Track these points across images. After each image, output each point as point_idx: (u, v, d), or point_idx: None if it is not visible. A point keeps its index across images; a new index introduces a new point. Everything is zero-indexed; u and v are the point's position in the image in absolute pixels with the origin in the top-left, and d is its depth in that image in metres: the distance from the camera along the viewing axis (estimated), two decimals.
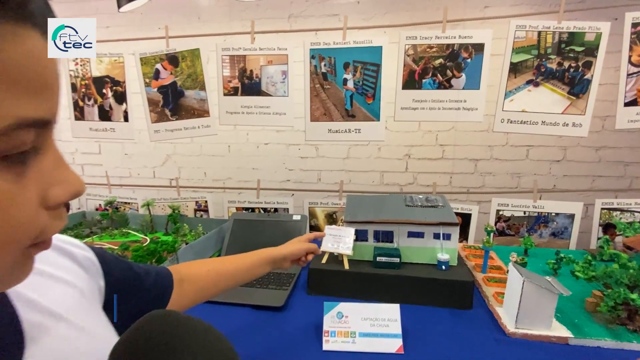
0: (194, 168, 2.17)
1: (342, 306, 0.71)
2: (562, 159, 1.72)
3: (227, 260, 0.65)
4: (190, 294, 0.55)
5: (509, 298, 0.76)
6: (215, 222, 1.43)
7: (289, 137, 1.96)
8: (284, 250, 0.71)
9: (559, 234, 1.55)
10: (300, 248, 0.73)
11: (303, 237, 0.78)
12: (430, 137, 1.79)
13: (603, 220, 1.53)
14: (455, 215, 0.95)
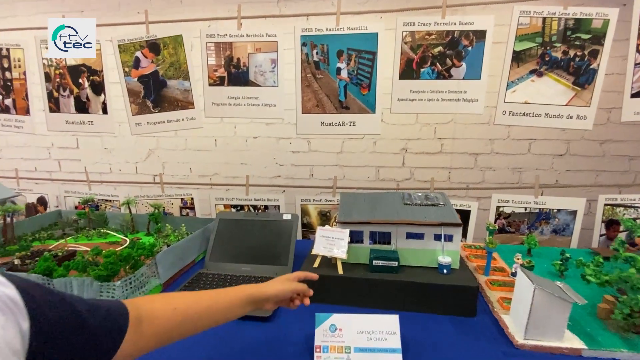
0: (178, 163, 2.08)
1: (336, 318, 0.66)
2: (565, 153, 1.68)
3: (200, 298, 0.56)
4: (150, 336, 0.47)
5: (516, 305, 0.71)
6: (201, 222, 1.36)
7: (279, 130, 1.89)
8: (269, 289, 0.62)
9: (560, 231, 1.52)
10: (287, 289, 0.63)
11: (292, 275, 0.69)
12: (429, 130, 1.74)
13: (606, 216, 1.50)
14: (457, 215, 0.90)
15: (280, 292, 0.63)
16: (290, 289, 0.64)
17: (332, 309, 0.83)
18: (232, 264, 1.09)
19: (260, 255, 1.09)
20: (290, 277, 0.68)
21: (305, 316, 0.73)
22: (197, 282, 0.99)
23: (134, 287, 0.83)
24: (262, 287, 0.63)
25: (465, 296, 0.79)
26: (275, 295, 0.62)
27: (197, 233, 1.19)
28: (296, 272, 0.70)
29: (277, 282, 0.65)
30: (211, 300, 0.56)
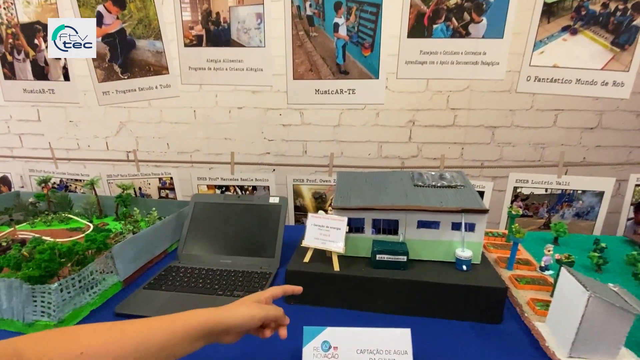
0: (154, 138, 1.91)
1: (330, 332, 0.53)
2: (596, 126, 1.53)
3: (123, 333, 0.42)
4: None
5: (557, 312, 0.59)
6: (177, 205, 1.23)
7: (268, 100, 1.71)
8: (230, 317, 0.48)
9: (584, 214, 1.42)
10: (255, 315, 0.49)
11: (266, 293, 0.54)
12: (440, 99, 1.57)
13: (636, 198, 1.39)
14: (480, 199, 0.76)
15: (245, 320, 0.49)
16: (260, 315, 0.50)
17: (325, 313, 0.72)
18: (210, 255, 0.96)
19: (243, 245, 0.97)
20: (262, 297, 0.54)
21: (290, 328, 0.61)
22: (165, 277, 0.86)
23: (80, 289, 0.70)
24: (221, 313, 0.48)
25: (490, 299, 0.67)
26: (239, 324, 0.48)
27: (170, 219, 1.05)
28: (271, 289, 0.56)
29: (243, 306, 0.51)
30: (140, 337, 0.42)
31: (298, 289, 0.58)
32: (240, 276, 0.86)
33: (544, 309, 0.68)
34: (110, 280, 0.80)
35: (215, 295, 0.79)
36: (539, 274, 0.83)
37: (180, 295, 0.79)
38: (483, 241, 0.76)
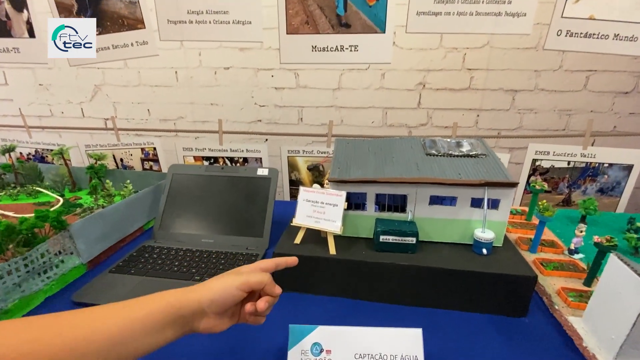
0: (133, 104, 1.78)
1: (321, 333, 0.44)
2: (632, 89, 1.39)
3: (55, 326, 0.34)
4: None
5: (601, 308, 0.50)
6: (157, 177, 1.13)
7: (258, 59, 1.55)
8: (201, 292, 0.41)
9: (608, 190, 1.33)
10: (229, 285, 0.41)
11: (251, 266, 0.46)
12: (456, 57, 1.41)
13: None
14: (506, 170, 0.65)
15: (219, 292, 0.40)
16: (237, 283, 0.41)
17: (319, 303, 0.63)
18: (189, 234, 0.87)
19: (227, 223, 0.88)
20: (246, 269, 0.45)
21: (274, 326, 0.52)
22: (136, 259, 0.77)
23: (28, 274, 0.61)
24: (191, 291, 0.41)
25: (516, 290, 0.58)
26: (214, 299, 0.40)
27: (143, 193, 0.95)
28: (259, 262, 0.47)
29: (217, 280, 0.43)
30: (81, 332, 0.33)
31: (292, 259, 0.49)
32: (222, 258, 0.78)
33: (578, 300, 0.60)
34: (70, 262, 0.71)
35: (192, 280, 0.70)
36: (567, 258, 0.75)
37: (151, 280, 0.71)
38: (507, 221, 0.66)
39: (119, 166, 1.53)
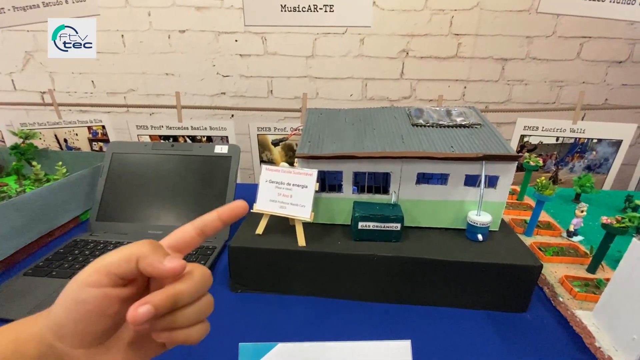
0: (74, 74, 1.58)
1: (282, 352, 0.35)
2: (627, 59, 1.35)
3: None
4: None
5: (618, 302, 0.44)
6: (97, 158, 0.99)
7: (218, 20, 1.39)
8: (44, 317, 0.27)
9: (595, 167, 1.32)
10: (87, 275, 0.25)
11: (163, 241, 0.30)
12: (442, 20, 1.31)
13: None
14: (505, 141, 0.57)
15: (67, 304, 0.25)
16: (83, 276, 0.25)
17: (285, 304, 0.55)
18: (133, 224, 0.76)
19: (179, 210, 0.77)
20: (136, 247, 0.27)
21: (221, 343, 0.42)
22: (62, 257, 0.65)
23: None
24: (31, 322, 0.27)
25: (517, 281, 0.51)
26: (58, 321, 0.25)
27: (76, 177, 0.81)
28: (174, 233, 0.30)
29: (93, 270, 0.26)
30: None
31: (236, 204, 0.31)
32: (175, 230, 0.67)
33: (584, 290, 0.54)
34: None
35: None
36: (566, 241, 0.69)
37: None
38: (506, 201, 0.58)
39: (62, 148, 1.37)
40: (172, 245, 0.29)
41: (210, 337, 0.48)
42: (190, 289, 0.27)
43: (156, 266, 0.25)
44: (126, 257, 0.26)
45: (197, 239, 0.30)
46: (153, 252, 0.26)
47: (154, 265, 0.25)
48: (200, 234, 0.30)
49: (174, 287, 0.26)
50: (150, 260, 0.25)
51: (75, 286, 0.25)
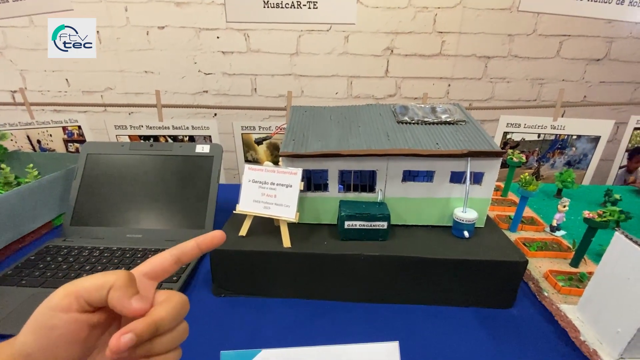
0: (46, 72, 1.51)
1: (264, 357, 0.34)
2: (604, 56, 1.39)
3: None
4: None
5: (602, 296, 0.45)
6: (71, 159, 0.95)
7: (199, 16, 1.36)
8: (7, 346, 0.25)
9: (575, 163, 1.36)
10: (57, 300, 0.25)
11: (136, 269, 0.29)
12: (426, 18, 1.32)
13: (632, 144, 1.34)
14: (490, 137, 0.58)
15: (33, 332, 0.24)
16: (52, 302, 0.25)
17: (270, 308, 0.53)
18: (110, 228, 0.73)
19: (159, 213, 0.74)
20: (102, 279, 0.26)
21: (204, 350, 0.41)
22: (34, 265, 0.62)
23: None
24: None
25: (504, 277, 0.52)
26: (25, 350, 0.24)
27: (49, 179, 0.78)
28: (149, 261, 0.30)
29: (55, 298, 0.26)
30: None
31: (214, 235, 0.32)
32: (152, 256, 0.64)
33: (568, 285, 0.55)
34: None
35: None
36: (549, 236, 0.70)
37: (49, 292, 0.56)
38: (491, 197, 0.59)
39: (36, 149, 1.32)
40: (148, 272, 0.29)
41: (192, 345, 0.47)
42: (170, 316, 0.27)
43: (123, 303, 0.25)
44: (99, 285, 0.25)
45: (174, 267, 0.31)
46: (126, 286, 0.26)
47: (122, 301, 0.25)
48: (177, 262, 0.31)
49: (155, 315, 0.26)
50: (120, 294, 0.25)
51: (45, 311, 0.25)
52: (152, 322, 0.25)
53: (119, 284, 0.26)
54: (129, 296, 0.26)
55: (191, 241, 0.32)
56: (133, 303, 0.25)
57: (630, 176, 1.40)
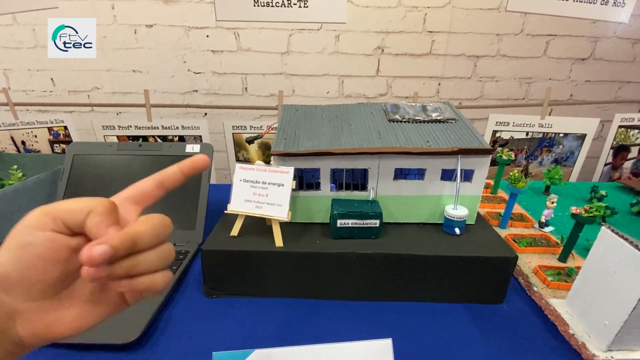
0: (30, 71, 1.48)
1: (257, 357, 0.34)
2: (589, 56, 1.43)
3: None
4: None
5: (589, 289, 0.46)
6: (57, 160, 0.93)
7: (188, 14, 1.35)
8: None
9: (562, 160, 1.38)
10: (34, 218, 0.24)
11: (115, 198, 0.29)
12: (416, 17, 1.33)
13: (617, 141, 1.37)
14: (480, 135, 0.59)
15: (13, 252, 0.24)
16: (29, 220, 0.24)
17: (262, 308, 0.53)
18: None
19: (148, 214, 0.72)
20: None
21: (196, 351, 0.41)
22: None
23: None
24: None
25: (494, 273, 0.52)
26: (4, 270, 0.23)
27: (33, 181, 0.76)
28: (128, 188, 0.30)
29: None
30: None
31: (197, 158, 0.32)
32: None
33: (557, 279, 0.56)
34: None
35: None
36: (538, 232, 0.72)
37: None
38: (481, 195, 0.59)
39: (20, 150, 1.29)
40: (131, 197, 0.29)
41: (184, 346, 0.47)
42: (150, 230, 0.26)
43: (100, 230, 0.24)
44: (78, 208, 0.25)
45: (157, 192, 0.30)
46: (106, 213, 0.25)
47: (99, 228, 0.24)
48: (160, 187, 0.30)
49: (132, 228, 0.25)
50: (98, 220, 0.24)
51: (22, 229, 0.24)
52: (128, 235, 0.24)
53: (99, 210, 0.25)
54: (107, 224, 0.24)
55: (174, 166, 0.31)
56: (110, 232, 0.24)
57: (615, 173, 1.44)
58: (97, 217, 0.24)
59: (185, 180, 0.31)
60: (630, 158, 1.43)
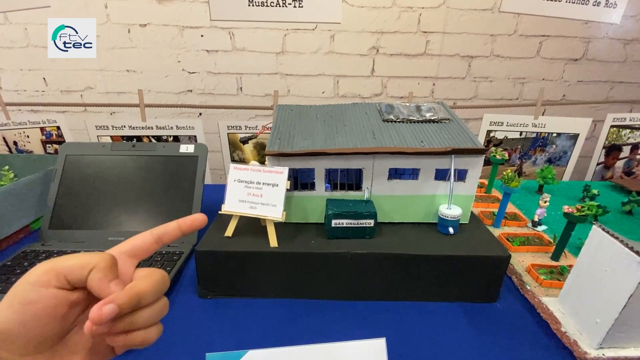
0: (22, 71, 1.46)
1: (251, 358, 0.34)
2: (582, 56, 1.44)
3: None
4: None
5: (581, 287, 0.46)
6: (50, 161, 0.92)
7: (182, 13, 1.35)
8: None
9: (555, 160, 1.40)
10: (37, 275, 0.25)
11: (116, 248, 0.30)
12: (410, 18, 1.34)
13: (609, 141, 1.39)
14: (474, 135, 0.59)
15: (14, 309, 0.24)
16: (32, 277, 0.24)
17: (256, 309, 0.53)
18: (91, 231, 0.71)
19: (142, 215, 0.73)
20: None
21: (190, 353, 0.40)
22: (10, 271, 0.60)
23: None
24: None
25: (488, 272, 0.53)
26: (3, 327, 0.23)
27: (25, 182, 0.75)
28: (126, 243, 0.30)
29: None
30: None
31: (195, 217, 0.33)
32: (133, 236, 0.63)
33: (550, 278, 0.56)
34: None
35: None
36: (531, 231, 0.72)
37: None
38: (475, 194, 0.60)
39: (12, 151, 1.27)
40: (129, 251, 0.30)
41: (177, 348, 0.46)
42: (151, 289, 0.27)
43: (102, 286, 0.25)
44: (81, 265, 0.25)
45: (155, 246, 0.31)
46: (107, 269, 0.26)
47: (101, 284, 0.25)
48: (158, 242, 0.31)
49: (137, 287, 0.26)
50: (100, 276, 0.25)
51: (24, 286, 0.24)
52: (135, 293, 0.25)
53: (101, 266, 0.26)
54: (109, 280, 0.26)
55: (173, 222, 0.32)
56: (112, 287, 0.26)
57: (608, 172, 1.45)
58: (99, 273, 0.25)
59: (181, 236, 0.33)
60: (622, 157, 1.45)
